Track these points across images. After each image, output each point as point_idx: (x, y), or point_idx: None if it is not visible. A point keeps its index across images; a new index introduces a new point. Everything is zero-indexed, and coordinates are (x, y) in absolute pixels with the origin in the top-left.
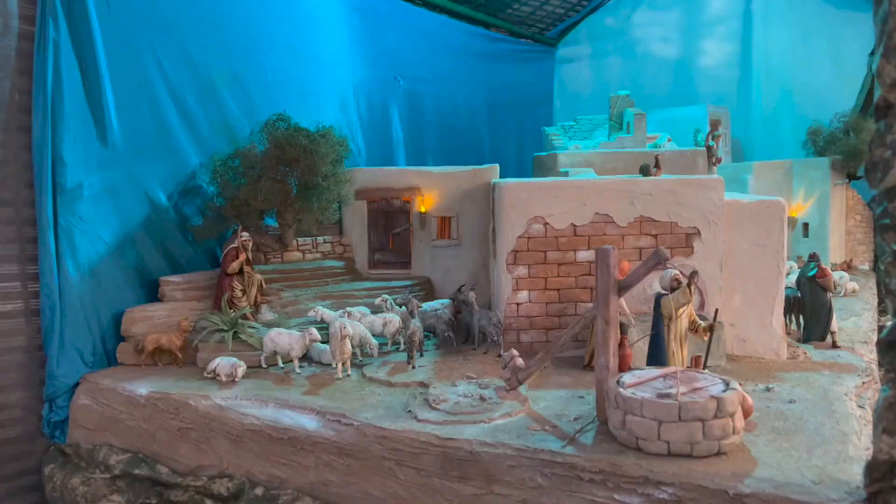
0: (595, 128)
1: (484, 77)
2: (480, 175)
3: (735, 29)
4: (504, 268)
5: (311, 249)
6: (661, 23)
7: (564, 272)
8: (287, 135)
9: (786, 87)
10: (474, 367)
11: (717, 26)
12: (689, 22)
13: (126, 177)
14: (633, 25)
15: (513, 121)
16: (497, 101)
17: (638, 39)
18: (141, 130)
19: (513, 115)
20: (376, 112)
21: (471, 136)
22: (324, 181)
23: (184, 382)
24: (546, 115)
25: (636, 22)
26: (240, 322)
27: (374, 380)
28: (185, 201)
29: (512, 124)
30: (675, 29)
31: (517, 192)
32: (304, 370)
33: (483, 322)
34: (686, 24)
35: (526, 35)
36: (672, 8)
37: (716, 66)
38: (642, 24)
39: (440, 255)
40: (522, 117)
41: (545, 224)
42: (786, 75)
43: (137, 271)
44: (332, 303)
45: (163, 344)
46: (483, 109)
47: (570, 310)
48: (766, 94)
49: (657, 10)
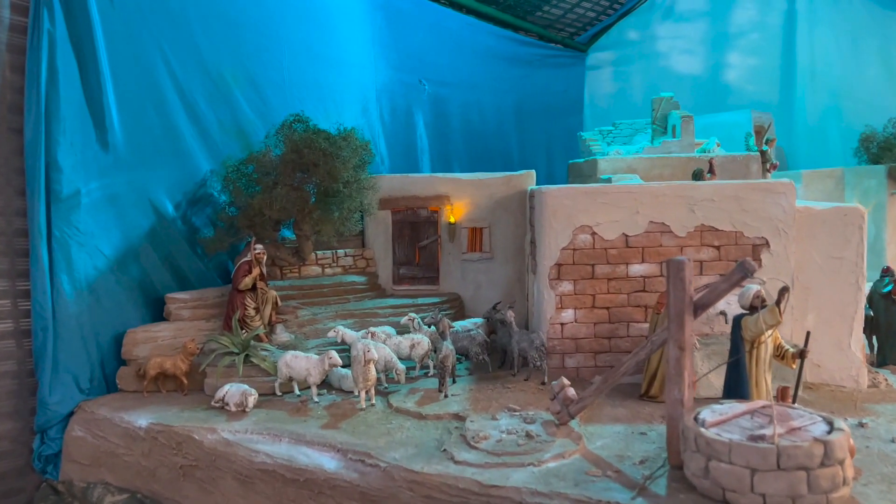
0: (635, 132)
1: (512, 82)
2: (515, 182)
3: (775, 32)
4: (546, 283)
5: (331, 263)
6: (695, 28)
7: (615, 288)
8: (305, 137)
9: (833, 92)
10: (515, 396)
11: (756, 30)
12: (724, 26)
13: (129, 184)
14: (664, 30)
15: (542, 129)
16: (526, 107)
17: (670, 45)
18: (146, 133)
19: (542, 124)
20: (400, 117)
21: (498, 144)
22: (345, 188)
23: (188, 413)
24: (576, 124)
25: (667, 27)
26: (252, 344)
27: (401, 411)
28: (194, 211)
29: (541, 133)
30: (710, 33)
31: (561, 199)
32: (323, 398)
33: (524, 345)
34: (721, 28)
35: (555, 39)
36: (705, 14)
37: (755, 71)
38: (674, 30)
39: (471, 269)
40: (552, 126)
41: (593, 234)
42: (832, 79)
43: (141, 288)
44: (354, 322)
45: (167, 369)
46: (511, 116)
47: (622, 331)
48: (811, 100)
49: (689, 15)
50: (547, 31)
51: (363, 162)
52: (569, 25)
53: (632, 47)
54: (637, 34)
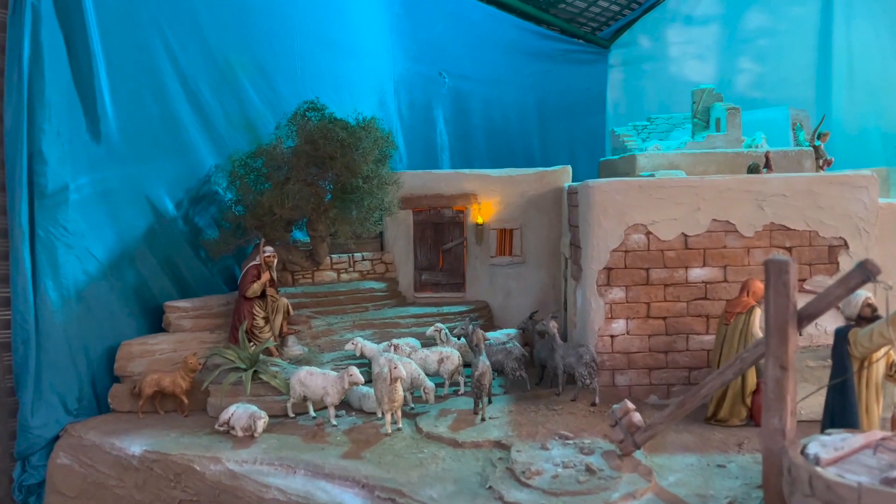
0: (672, 127)
1: (534, 78)
2: (549, 179)
3: (810, 27)
4: (594, 290)
5: (347, 268)
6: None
7: (672, 295)
8: (321, 127)
9: (873, 88)
10: (564, 420)
11: (789, 25)
12: (754, 22)
13: (124, 179)
14: (689, 27)
15: (564, 128)
16: (548, 105)
17: (696, 42)
18: (143, 123)
19: (564, 123)
20: (418, 112)
21: (521, 143)
22: (365, 183)
23: (189, 438)
24: (599, 124)
25: (693, 24)
26: (261, 358)
27: (433, 437)
28: (197, 210)
29: (563, 132)
30: (738, 30)
31: (611, 195)
32: (342, 421)
33: (570, 360)
34: (752, 24)
35: (578, 34)
36: (731, 11)
37: (789, 68)
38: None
39: (500, 275)
40: (574, 125)
41: (647, 234)
42: (872, 75)
43: (137, 295)
44: (373, 333)
45: (165, 386)
46: (533, 114)
47: (680, 344)
48: (848, 97)
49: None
50: (570, 25)
51: (384, 155)
52: (591, 20)
53: (656, 43)
54: (661, 31)
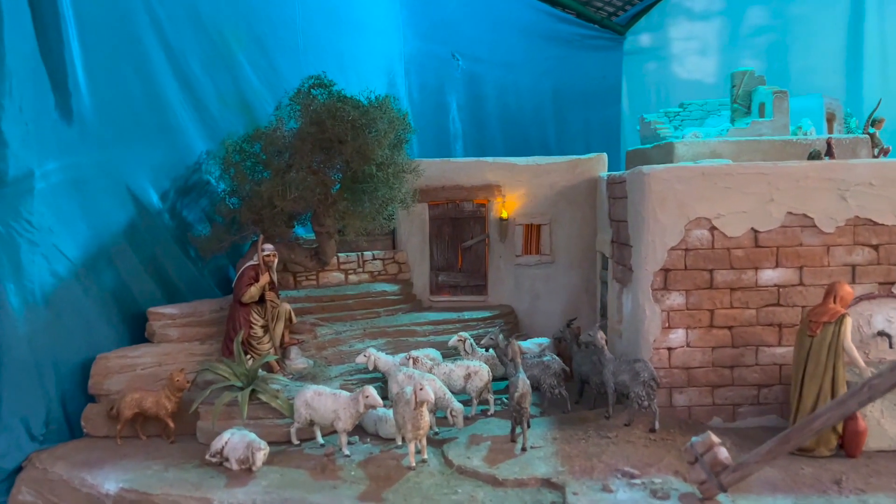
0: (707, 114)
1: (550, 64)
2: (582, 168)
3: (840, 13)
4: (648, 295)
5: (356, 269)
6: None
7: (740, 300)
8: (329, 106)
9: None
10: (622, 451)
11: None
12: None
13: (100, 165)
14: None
15: (580, 118)
16: (564, 93)
17: (717, 29)
18: (123, 101)
19: (580, 112)
20: (430, 97)
21: (536, 132)
22: (379, 171)
23: (174, 472)
24: (614, 114)
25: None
26: (260, 375)
27: (466, 472)
28: (186, 202)
29: (579, 122)
30: (761, 17)
31: (671, 183)
32: (355, 448)
33: (623, 377)
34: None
35: (594, 19)
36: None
37: (818, 56)
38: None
39: (526, 276)
40: (590, 114)
41: (712, 230)
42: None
43: (115, 300)
44: (387, 342)
45: (147, 408)
46: (549, 102)
47: (748, 357)
48: (881, 87)
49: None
50: (585, 9)
51: (400, 140)
52: (608, 3)
53: (674, 30)
54: (678, 17)
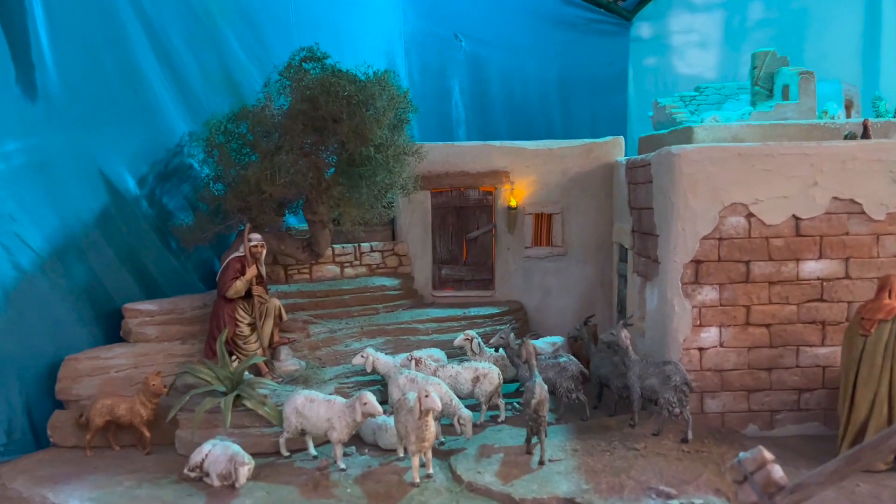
0: (725, 98)
1: (556, 49)
2: (597, 152)
3: None
4: (677, 289)
5: (353, 262)
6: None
7: (780, 295)
8: (322, 81)
9: None
10: (653, 464)
11: None
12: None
13: (69, 147)
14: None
15: (586, 106)
16: (570, 80)
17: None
18: (95, 77)
19: (586, 99)
20: (432, 80)
21: (542, 120)
22: (378, 153)
23: (148, 488)
24: (621, 102)
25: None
26: (246, 378)
27: (477, 489)
28: (166, 188)
29: (585, 110)
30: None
31: (703, 165)
32: (352, 461)
33: (651, 381)
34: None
35: (600, 2)
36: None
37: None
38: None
39: (537, 269)
40: (596, 102)
41: (749, 217)
42: None
43: (87, 296)
44: (386, 341)
45: (120, 415)
46: (554, 89)
47: (788, 359)
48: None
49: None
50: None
51: (402, 119)
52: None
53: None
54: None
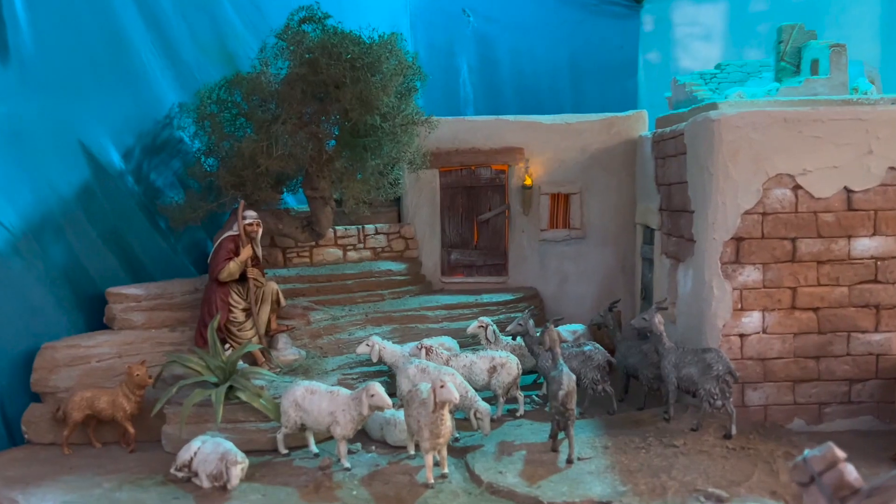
0: (747, 76)
1: (566, 29)
2: (619, 127)
3: None
4: (716, 270)
5: (356, 245)
6: None
7: (829, 276)
8: (323, 44)
9: None
10: (696, 463)
11: None
12: None
13: (45, 115)
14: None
15: (597, 90)
16: (580, 62)
17: None
18: (74, 40)
19: (597, 84)
20: (439, 57)
21: (552, 104)
22: (385, 122)
23: (130, 490)
24: (632, 88)
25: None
26: (240, 368)
27: (499, 491)
28: (154, 163)
29: (596, 95)
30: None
31: (745, 131)
32: (357, 459)
33: (689, 370)
34: None
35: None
36: None
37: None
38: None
39: (553, 253)
40: (607, 88)
41: (795, 189)
42: None
43: (66, 278)
44: (393, 330)
45: (101, 409)
46: (565, 71)
47: (838, 346)
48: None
49: None
50: None
51: (411, 86)
52: None
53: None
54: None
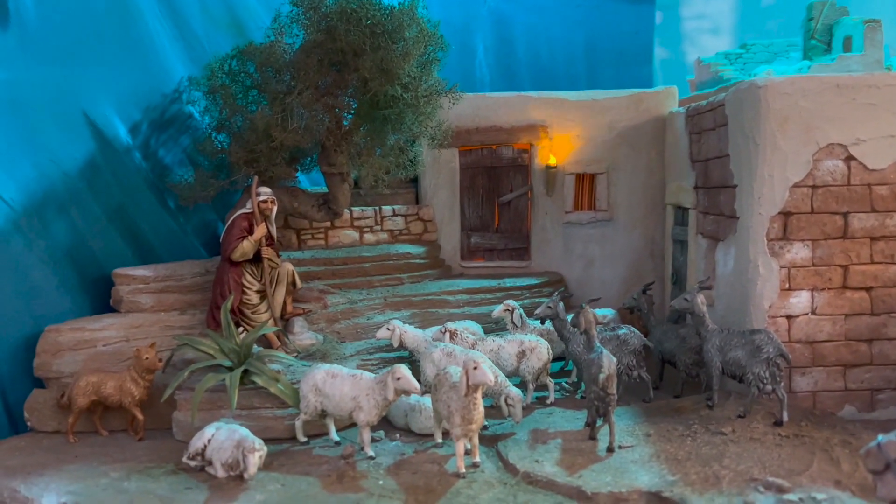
0: (773, 56)
1: (582, 13)
2: (648, 104)
3: None
4: (762, 247)
5: (373, 227)
6: None
7: (884, 254)
8: (342, 10)
9: None
10: (749, 451)
11: None
12: None
13: (47, 84)
14: None
15: (613, 77)
16: (596, 47)
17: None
18: (79, 8)
19: (613, 70)
20: (454, 35)
21: (568, 88)
22: (406, 93)
23: (137, 480)
24: (646, 75)
25: None
26: (255, 352)
27: (537, 481)
28: (163, 139)
29: (611, 82)
30: None
31: (794, 98)
32: (381, 448)
33: (736, 353)
34: None
35: None
36: None
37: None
38: None
39: (578, 236)
40: (622, 74)
41: (848, 160)
42: None
43: (70, 258)
44: (412, 314)
45: (108, 394)
46: (581, 56)
47: (893, 328)
48: None
49: None
50: None
51: (432, 57)
52: None
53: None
54: None
